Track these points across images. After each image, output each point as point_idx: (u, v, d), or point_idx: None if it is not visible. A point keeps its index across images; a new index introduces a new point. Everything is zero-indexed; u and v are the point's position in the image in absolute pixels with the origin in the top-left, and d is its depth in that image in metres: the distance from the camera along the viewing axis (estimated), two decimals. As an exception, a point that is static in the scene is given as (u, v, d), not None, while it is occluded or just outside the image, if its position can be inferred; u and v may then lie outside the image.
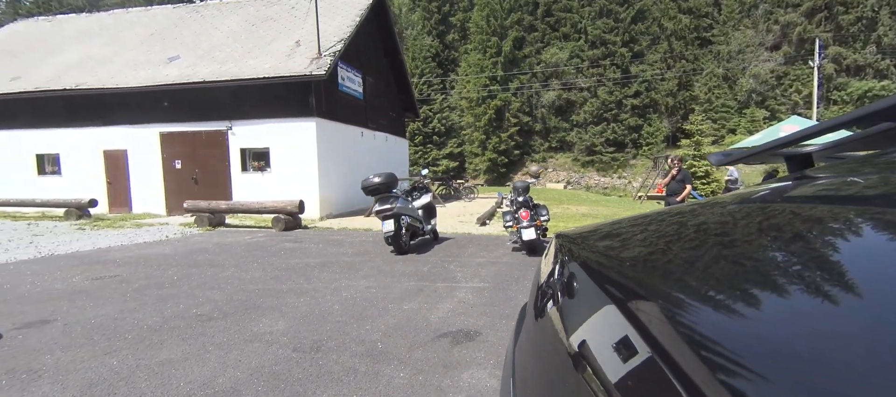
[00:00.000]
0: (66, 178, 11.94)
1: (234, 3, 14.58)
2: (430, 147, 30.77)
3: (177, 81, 10.73)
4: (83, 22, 15.21)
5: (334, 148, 11.44)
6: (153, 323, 3.32)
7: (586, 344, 0.50)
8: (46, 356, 2.69)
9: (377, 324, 3.30)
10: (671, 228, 0.77)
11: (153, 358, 2.66)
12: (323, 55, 10.64)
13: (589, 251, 0.72)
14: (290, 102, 10.69)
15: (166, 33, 13.36)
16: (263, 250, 6.54)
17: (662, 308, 0.45)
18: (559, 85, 30.65)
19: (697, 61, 30.94)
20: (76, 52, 13.11)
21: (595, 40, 29.56)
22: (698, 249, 0.63)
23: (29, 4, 39.68)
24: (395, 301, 3.92)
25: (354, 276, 4.85)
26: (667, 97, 30.02)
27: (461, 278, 4.77)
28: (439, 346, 2.89)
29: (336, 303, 3.84)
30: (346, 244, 7.08)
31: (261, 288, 4.39)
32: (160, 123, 11.33)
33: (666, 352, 0.37)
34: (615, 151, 28.97)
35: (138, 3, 33.30)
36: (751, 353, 0.32)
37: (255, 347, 2.85)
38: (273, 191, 10.64)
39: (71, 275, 4.93)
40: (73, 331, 3.14)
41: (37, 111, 11.88)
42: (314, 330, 3.18)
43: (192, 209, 9.37)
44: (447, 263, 5.54)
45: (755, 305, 0.40)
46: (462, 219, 10.32)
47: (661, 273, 0.57)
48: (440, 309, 3.67)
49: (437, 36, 34.79)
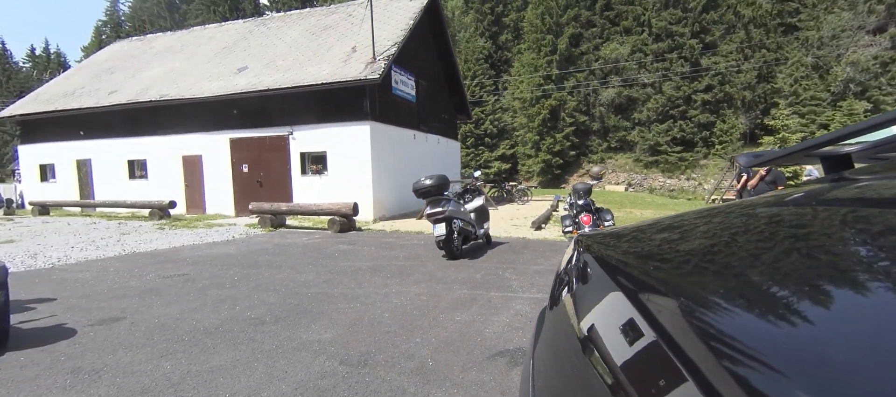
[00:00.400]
0: (152, 182, 13.15)
1: (297, 15, 15.28)
2: (481, 149, 30.43)
3: (244, 90, 11.39)
4: (168, 39, 16.77)
5: (387, 150, 11.53)
6: (209, 325, 3.34)
7: (594, 328, 0.52)
8: (109, 356, 2.76)
9: (428, 337, 3.07)
10: (693, 229, 0.76)
11: (204, 365, 2.63)
12: (377, 59, 10.75)
13: (603, 247, 0.74)
14: (346, 106, 10.92)
15: (236, 46, 14.30)
16: (318, 252, 6.62)
17: (666, 296, 0.46)
18: (619, 82, 28.97)
19: (781, 50, 27.79)
20: (161, 66, 14.44)
21: (660, 33, 27.57)
22: (715, 248, 0.63)
23: (128, 28, 44.87)
24: (446, 311, 3.68)
25: (405, 282, 4.69)
26: (744, 90, 27.25)
27: (517, 287, 4.43)
28: (495, 367, 2.59)
29: (386, 311, 3.67)
30: (398, 247, 6.98)
31: (313, 291, 4.35)
32: (230, 130, 12.09)
33: (668, 336, 0.38)
34: (683, 150, 26.77)
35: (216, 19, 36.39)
36: (768, 351, 0.32)
37: (302, 357, 2.74)
38: (330, 193, 10.92)
39: (146, 273, 5.25)
40: (138, 330, 3.23)
41: (128, 121, 13.20)
42: (362, 340, 3.02)
43: (256, 210, 9.84)
44: (501, 270, 5.21)
45: (766, 303, 0.41)
46: (516, 223, 9.90)
47: (670, 266, 0.59)
48: (495, 323, 3.36)
49: (490, 37, 34.42)
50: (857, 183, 0.75)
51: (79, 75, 16.06)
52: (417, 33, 13.00)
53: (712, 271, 0.54)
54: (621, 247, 0.74)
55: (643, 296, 0.49)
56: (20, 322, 3.44)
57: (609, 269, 0.61)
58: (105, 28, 48.72)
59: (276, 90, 11.09)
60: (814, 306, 0.38)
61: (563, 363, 0.62)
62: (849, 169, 0.91)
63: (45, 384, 2.37)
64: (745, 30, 28.17)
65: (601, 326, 0.51)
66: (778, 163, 1.01)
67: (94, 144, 13.82)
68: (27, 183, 15.11)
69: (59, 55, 49.00)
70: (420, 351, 2.82)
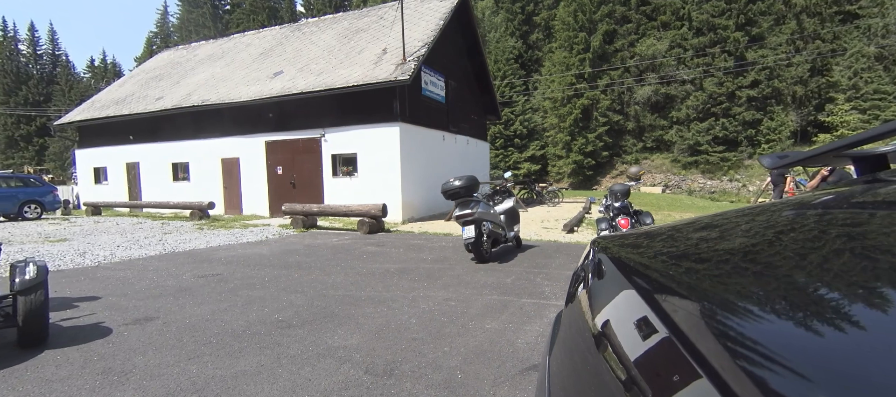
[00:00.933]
0: (194, 183, 13.71)
1: (331, 19, 15.55)
2: (511, 150, 30.00)
3: (279, 94, 11.66)
4: (210, 47, 17.51)
5: (416, 152, 11.47)
6: (237, 328, 3.32)
7: (608, 324, 0.53)
8: (140, 357, 2.77)
9: (456, 346, 2.91)
10: (713, 231, 0.75)
11: (229, 369, 2.57)
12: (407, 60, 10.72)
13: (618, 247, 0.73)
14: (377, 108, 10.95)
15: (273, 51, 14.71)
16: (347, 253, 6.60)
17: (681, 295, 0.47)
18: (656, 79, 27.78)
19: (838, 41, 25.83)
20: (203, 72, 15.06)
21: (701, 26, 26.25)
22: (733, 249, 0.63)
23: (176, 38, 47.44)
24: (476, 318, 3.50)
25: (433, 286, 4.55)
26: (795, 85, 25.46)
27: (550, 294, 4.19)
28: (529, 382, 2.39)
29: (413, 317, 3.54)
30: (426, 249, 6.86)
31: (341, 294, 4.28)
32: (266, 133, 12.42)
33: (682, 333, 0.39)
34: (725, 150, 25.34)
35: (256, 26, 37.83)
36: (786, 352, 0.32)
37: (327, 364, 2.64)
38: (360, 194, 10.98)
39: (182, 272, 5.38)
40: (169, 331, 3.25)
41: (173, 125, 13.84)
42: (389, 347, 2.89)
43: (288, 211, 10.01)
44: (533, 275, 4.97)
45: (785, 304, 0.40)
46: (546, 225, 9.57)
47: (688, 267, 0.59)
48: (528, 332, 3.16)
49: (521, 37, 33.93)
50: (892, 184, 0.72)
51: (130, 83, 17.04)
52: (447, 33, 12.89)
53: (729, 271, 0.54)
54: (638, 247, 0.73)
55: (658, 295, 0.49)
56: (62, 319, 3.55)
57: (622, 268, 0.61)
58: (156, 39, 51.81)
59: (309, 93, 11.28)
60: (837, 310, 0.37)
61: (577, 359, 0.63)
62: (884, 169, 0.87)
63: (75, 385, 2.38)
64: (796, 19, 26.35)
65: (615, 322, 0.52)
66: (806, 163, 0.95)
67: (142, 148, 14.59)
68: (83, 185, 16.16)
69: (114, 65, 52.54)
70: (448, 362, 2.66)
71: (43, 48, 52.95)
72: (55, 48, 53.67)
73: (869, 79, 24.63)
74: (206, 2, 44.39)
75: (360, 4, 40.04)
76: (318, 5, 44.79)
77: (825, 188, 3.52)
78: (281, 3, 47.41)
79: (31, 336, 2.90)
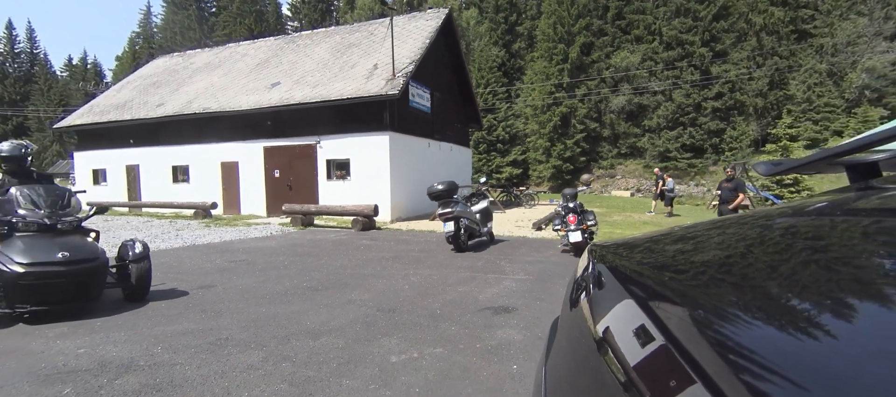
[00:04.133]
0: (193, 185, 14.76)
1: (324, 33, 16.80)
2: (493, 154, 31.56)
3: (278, 104, 12.87)
4: (206, 56, 18.54)
5: (404, 158, 12.83)
6: (279, 290, 4.64)
7: (609, 331, 0.55)
8: (221, 304, 4.08)
9: (437, 299, 4.30)
10: (707, 240, 0.78)
11: (286, 309, 3.91)
12: (396, 76, 12.09)
13: (616, 257, 0.77)
14: (368, 119, 12.28)
15: (269, 62, 15.88)
16: (346, 246, 7.93)
17: (673, 303, 0.50)
18: (630, 89, 29.80)
19: (794, 57, 28.25)
20: (202, 81, 16.12)
21: (671, 41, 28.37)
22: (728, 258, 0.66)
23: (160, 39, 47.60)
24: (451, 285, 4.90)
25: (420, 267, 5.93)
26: (756, 98, 27.78)
27: (509, 271, 5.62)
28: (483, 315, 3.80)
29: (406, 284, 4.92)
30: (413, 243, 8.24)
31: (349, 272, 5.63)
32: (264, 139, 13.60)
33: (677, 340, 0.42)
34: (692, 157, 27.45)
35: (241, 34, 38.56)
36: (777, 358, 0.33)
37: (350, 307, 4.00)
38: (352, 196, 12.27)
39: (213, 259, 6.62)
40: (230, 293, 4.55)
41: (174, 131, 14.87)
42: (390, 300, 4.26)
43: (288, 211, 11.24)
44: (498, 260, 6.41)
45: (777, 312, 0.43)
46: (519, 224, 11.05)
47: (683, 275, 0.62)
48: (487, 292, 4.57)
49: (504, 46, 35.61)
50: (884, 192, 0.74)
51: (127, 89, 17.94)
52: (433, 49, 14.31)
53: (723, 280, 0.56)
54: (634, 256, 0.76)
55: (653, 303, 0.52)
56: (145, 286, 4.80)
57: (621, 278, 0.64)
58: (138, 39, 51.80)
59: (306, 104, 12.53)
60: (829, 317, 0.38)
61: (578, 362, 0.65)
62: (876, 177, 0.88)
63: (190, 316, 3.69)
64: (756, 37, 28.71)
65: (615, 330, 0.54)
66: (799, 171, 0.98)
67: (143, 151, 15.55)
68: (81, 185, 16.95)
69: (95, 65, 52.28)
70: (431, 306, 4.06)
71: (20, 46, 52.40)
72: (33, 46, 53.18)
73: (820, 92, 27.09)
74: (191, 4, 44.88)
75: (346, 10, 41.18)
76: (304, 10, 45.73)
77: (722, 194, 5.27)
78: (267, 6, 48.16)
79: (139, 293, 4.18)
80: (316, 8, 44.68)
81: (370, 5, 37.37)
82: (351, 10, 39.96)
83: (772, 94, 27.92)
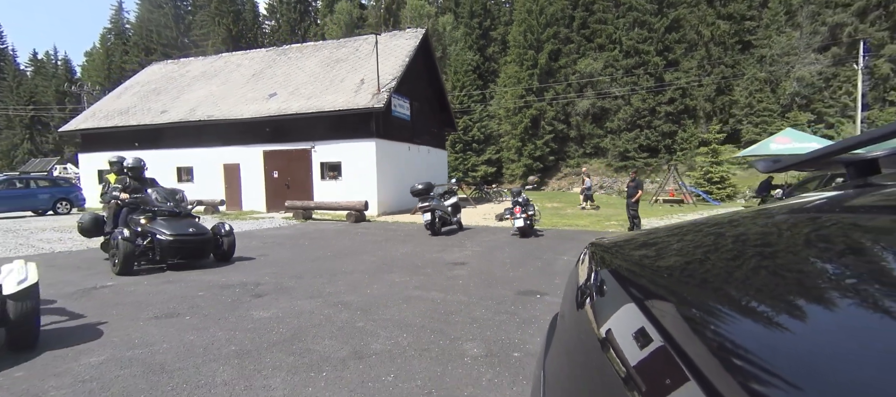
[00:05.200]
0: (198, 184, 16.74)
1: (312, 47, 18.97)
2: (469, 154, 34.20)
3: (276, 113, 15.07)
4: (201, 64, 20.38)
5: (388, 160, 15.26)
6: (312, 256, 7.08)
7: (611, 332, 0.58)
8: (281, 263, 6.49)
9: (418, 260, 6.83)
10: (706, 238, 0.80)
11: (324, 264, 6.37)
12: (381, 91, 14.50)
13: (615, 258, 0.81)
14: (357, 127, 14.64)
15: (264, 73, 17.97)
16: (346, 233, 10.35)
17: (673, 306, 0.52)
18: (594, 94, 32.98)
19: (738, 66, 31.98)
20: (202, 90, 18.06)
21: (629, 50, 31.62)
22: (729, 257, 0.68)
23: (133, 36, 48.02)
24: (428, 253, 7.44)
25: (405, 245, 8.45)
26: (705, 102, 31.39)
27: (468, 246, 8.20)
28: (447, 266, 6.34)
29: (397, 253, 7.43)
30: (399, 231, 10.74)
31: (354, 248, 8.09)
32: (264, 144, 15.75)
33: (673, 340, 0.44)
34: (648, 156, 30.82)
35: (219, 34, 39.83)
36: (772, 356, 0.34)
37: (364, 262, 6.49)
38: (343, 194, 14.61)
39: (248, 242, 8.93)
40: (282, 258, 6.96)
41: (178, 135, 16.81)
42: (387, 262, 6.76)
43: (291, 207, 13.52)
44: (463, 240, 8.99)
45: (775, 310, 0.44)
46: (485, 217, 13.69)
47: (681, 275, 0.65)
48: (451, 256, 7.13)
49: (478, 50, 38.26)
50: (883, 189, 0.75)
51: (127, 95, 19.62)
52: (412, 65, 16.75)
53: (723, 279, 0.57)
54: (633, 256, 0.80)
55: (653, 306, 0.54)
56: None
57: (622, 282, 0.67)
58: (110, 36, 51.92)
59: (302, 114, 14.78)
60: (826, 316, 0.40)
61: (580, 359, 0.68)
62: (875, 174, 0.90)
63: (267, 268, 6.10)
64: (705, 48, 32.36)
65: (616, 331, 0.57)
66: (800, 168, 0.99)
67: (148, 154, 17.36)
68: (86, 185, 18.60)
69: (66, 61, 52.10)
70: (415, 262, 6.59)
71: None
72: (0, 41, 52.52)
73: (760, 98, 30.91)
74: (167, 2, 45.64)
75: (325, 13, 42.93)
76: (281, 10, 47.14)
77: (628, 190, 8.41)
78: (244, 4, 49.27)
79: (229, 255, 6.53)
80: (294, 8, 46.22)
81: (349, 9, 39.35)
82: (330, 12, 41.81)
83: (719, 99, 31.63)
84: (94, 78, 47.09)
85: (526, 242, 8.63)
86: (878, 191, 0.74)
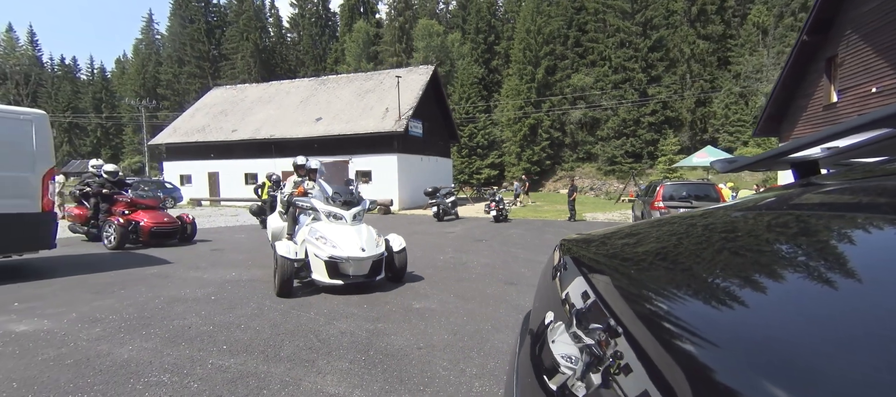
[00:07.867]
0: (260, 187, 22.91)
1: (346, 79, 25.06)
2: (474, 159, 40.07)
3: (323, 134, 21.14)
4: (256, 90, 26.62)
5: (406, 169, 21.22)
6: (369, 231, 13.10)
7: (568, 294, 0.77)
8: (355, 233, 12.54)
9: (427, 238, 12.77)
10: (650, 232, 0.95)
11: (378, 234, 12.39)
12: (401, 118, 20.48)
13: (578, 249, 0.97)
14: (383, 144, 20.63)
15: (309, 100, 24.09)
16: (380, 221, 16.34)
17: (606, 278, 0.68)
18: (585, 105, 38.60)
19: (716, 81, 37.32)
20: (262, 113, 24.25)
21: (617, 67, 37.19)
22: (655, 247, 0.83)
23: (163, 46, 54.70)
24: (433, 234, 13.38)
25: (419, 228, 14.40)
26: (686, 113, 36.79)
27: (461, 226, 14.13)
28: (444, 234, 12.27)
29: (416, 233, 13.38)
30: (415, 221, 16.71)
31: (389, 228, 14.07)
32: (313, 156, 21.88)
33: (601, 297, 0.59)
34: (633, 162, 36.35)
35: (248, 49, 46.10)
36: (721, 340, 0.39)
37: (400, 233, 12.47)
38: (373, 194, 20.59)
39: (323, 224, 14.97)
40: (352, 231, 12.99)
41: (246, 149, 22.97)
42: (410, 237, 12.69)
43: (336, 204, 19.60)
44: (457, 224, 14.92)
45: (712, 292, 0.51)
46: (478, 212, 19.60)
47: (613, 262, 0.81)
48: (449, 231, 13.06)
49: (484, 63, 44.12)
50: (822, 188, 0.87)
51: (200, 115, 25.94)
52: (424, 95, 22.71)
53: (650, 262, 0.73)
54: (587, 248, 0.96)
55: (592, 275, 0.72)
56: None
57: (577, 263, 0.83)
58: (141, 46, 58.92)
59: (342, 135, 20.83)
60: (760, 297, 0.47)
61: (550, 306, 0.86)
62: (816, 174, 1.02)
63: (349, 234, 12.15)
64: (687, 64, 37.76)
65: (571, 292, 0.75)
66: (752, 168, 1.11)
67: (221, 163, 23.61)
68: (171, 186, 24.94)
69: (102, 71, 59.32)
70: (426, 241, 12.54)
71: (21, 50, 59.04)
72: (35, 49, 59.85)
73: (735, 110, 36.21)
74: (199, 18, 52.29)
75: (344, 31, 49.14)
76: (304, 23, 53.53)
77: (516, 190, 15.62)
78: (268, 18, 55.79)
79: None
80: (315, 23, 52.58)
81: (366, 28, 45.52)
82: (349, 31, 47.95)
83: (698, 111, 37.01)
84: (129, 86, 54.03)
85: (496, 225, 14.55)
86: (818, 191, 0.86)
